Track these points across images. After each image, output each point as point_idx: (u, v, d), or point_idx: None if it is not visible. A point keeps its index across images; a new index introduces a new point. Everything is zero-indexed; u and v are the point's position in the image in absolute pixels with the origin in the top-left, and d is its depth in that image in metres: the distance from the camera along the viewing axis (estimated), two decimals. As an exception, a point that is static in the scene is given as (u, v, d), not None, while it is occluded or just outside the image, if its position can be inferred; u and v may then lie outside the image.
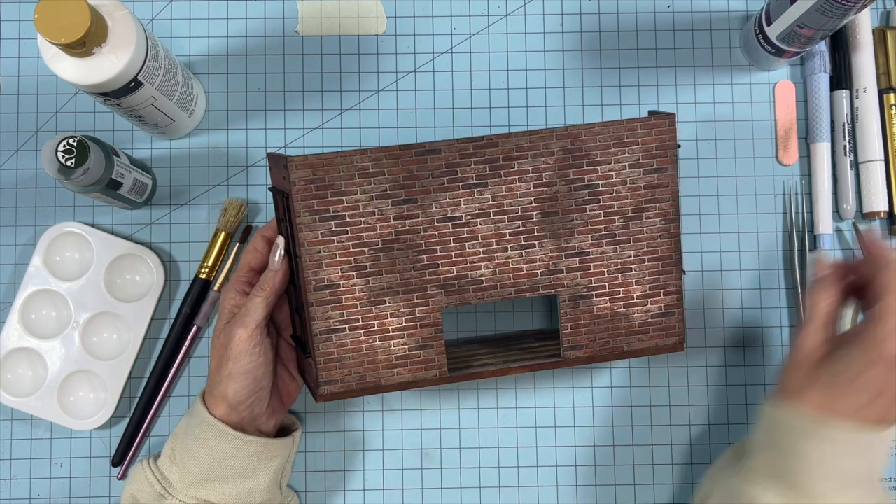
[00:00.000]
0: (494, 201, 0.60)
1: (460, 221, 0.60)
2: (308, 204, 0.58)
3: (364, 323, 0.60)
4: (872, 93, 0.73)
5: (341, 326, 0.60)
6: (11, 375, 0.71)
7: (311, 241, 0.59)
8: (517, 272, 0.61)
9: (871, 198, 0.72)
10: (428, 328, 0.61)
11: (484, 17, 0.75)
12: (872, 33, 0.74)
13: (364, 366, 0.61)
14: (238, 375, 0.61)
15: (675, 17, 0.75)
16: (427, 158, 0.59)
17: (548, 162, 0.60)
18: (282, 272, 0.62)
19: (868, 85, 0.73)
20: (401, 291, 0.60)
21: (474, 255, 0.60)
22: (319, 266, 0.59)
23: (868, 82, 0.73)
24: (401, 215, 0.59)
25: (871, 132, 0.73)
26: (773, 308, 0.73)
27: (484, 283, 0.61)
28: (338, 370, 0.61)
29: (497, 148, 0.60)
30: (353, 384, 0.61)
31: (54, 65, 0.58)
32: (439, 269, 0.60)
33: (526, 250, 0.61)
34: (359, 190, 0.59)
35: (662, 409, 0.73)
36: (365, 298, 0.60)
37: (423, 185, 0.59)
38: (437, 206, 0.60)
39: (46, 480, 0.71)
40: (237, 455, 0.62)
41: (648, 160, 0.61)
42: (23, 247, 0.73)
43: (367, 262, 0.60)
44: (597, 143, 0.60)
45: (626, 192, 0.61)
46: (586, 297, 0.62)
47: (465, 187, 0.60)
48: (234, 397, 0.61)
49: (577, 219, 0.61)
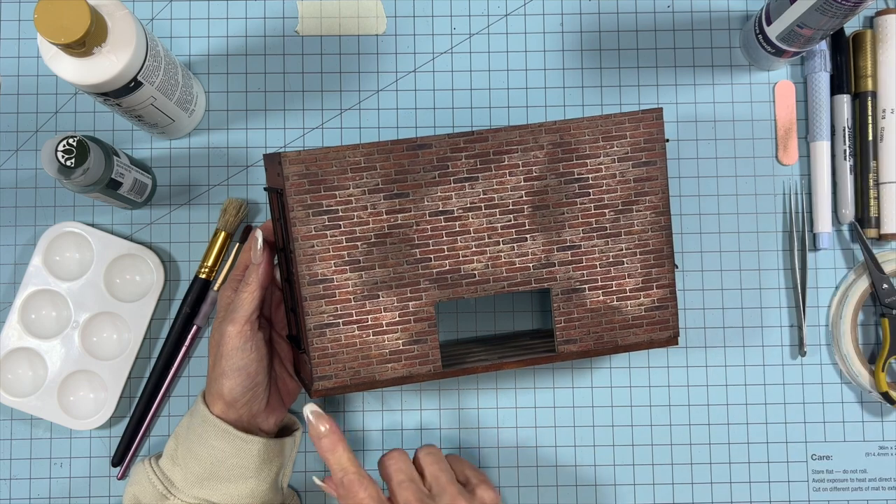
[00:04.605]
0: (486, 195, 0.60)
1: (452, 215, 0.60)
2: (301, 199, 0.59)
3: (358, 317, 0.60)
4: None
5: (335, 321, 0.60)
6: (11, 375, 0.71)
7: (304, 235, 0.59)
8: (510, 266, 0.61)
9: (889, 219, 0.72)
10: (421, 322, 0.61)
11: (484, 17, 0.75)
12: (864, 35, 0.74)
13: (358, 361, 0.61)
14: (231, 372, 0.61)
15: (675, 17, 0.75)
16: (418, 153, 0.59)
17: (538, 156, 0.61)
18: (264, 264, 0.62)
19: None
20: (394, 286, 0.60)
21: (466, 248, 0.61)
22: (313, 260, 0.59)
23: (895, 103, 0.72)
24: (393, 209, 0.60)
25: (893, 153, 0.72)
26: (773, 308, 0.73)
27: (477, 277, 0.61)
28: (332, 365, 0.60)
29: (487, 142, 0.60)
30: (347, 379, 0.61)
31: (54, 65, 0.58)
32: (432, 263, 0.60)
33: (518, 244, 0.61)
34: (351, 185, 0.59)
35: (662, 408, 0.73)
36: (358, 293, 0.60)
37: (414, 179, 0.60)
38: (429, 201, 0.60)
39: (46, 480, 0.71)
40: (239, 454, 0.62)
41: (637, 153, 0.62)
42: (23, 247, 0.73)
43: (360, 256, 0.60)
44: (585, 137, 0.61)
45: (616, 186, 0.62)
46: (579, 291, 0.62)
47: (457, 181, 0.60)
48: (230, 394, 0.61)
49: (569, 212, 0.61)
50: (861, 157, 0.73)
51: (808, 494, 0.72)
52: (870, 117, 0.73)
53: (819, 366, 0.73)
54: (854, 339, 0.72)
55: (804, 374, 0.73)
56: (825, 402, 0.73)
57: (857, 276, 0.73)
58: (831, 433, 0.73)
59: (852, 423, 0.73)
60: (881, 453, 0.72)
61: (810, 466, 0.72)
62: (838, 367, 0.73)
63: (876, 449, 0.72)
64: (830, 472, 0.72)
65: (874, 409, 0.73)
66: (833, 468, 0.72)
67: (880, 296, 0.71)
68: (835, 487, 0.72)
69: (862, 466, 0.72)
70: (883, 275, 0.72)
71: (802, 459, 0.72)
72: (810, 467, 0.72)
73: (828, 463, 0.72)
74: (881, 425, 0.73)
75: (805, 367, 0.73)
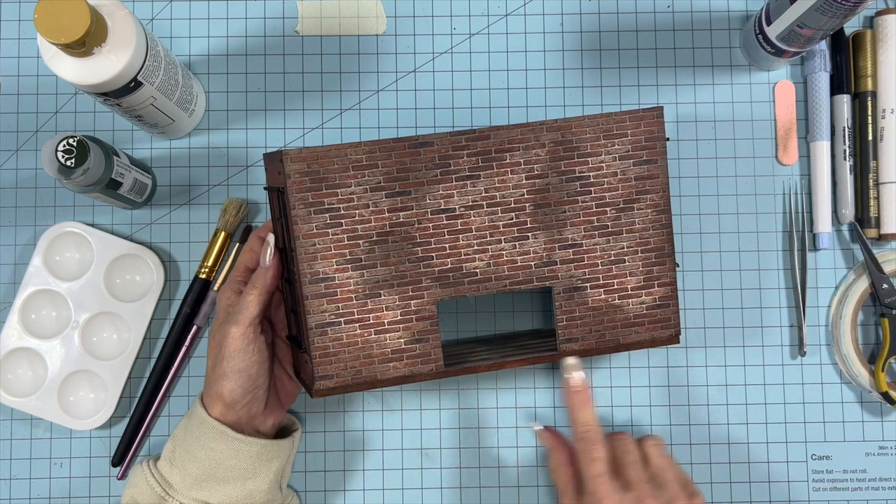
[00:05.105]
0: (487, 193, 0.60)
1: (454, 213, 0.60)
2: (303, 196, 0.58)
3: (359, 316, 0.60)
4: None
5: (336, 320, 0.60)
6: (11, 375, 0.71)
7: (305, 233, 0.59)
8: (511, 264, 0.61)
9: (889, 219, 0.72)
10: (423, 321, 0.61)
11: (484, 17, 0.75)
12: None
13: (360, 360, 0.60)
14: (232, 374, 0.61)
15: (675, 17, 0.75)
16: (420, 151, 0.59)
17: (539, 154, 0.61)
18: (273, 269, 0.62)
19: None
20: (396, 284, 0.60)
21: (468, 247, 0.61)
22: (314, 259, 0.59)
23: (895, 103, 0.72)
24: (395, 207, 0.60)
25: (893, 153, 0.72)
26: (773, 308, 0.73)
27: (478, 276, 0.61)
28: (333, 365, 0.60)
29: (489, 140, 0.60)
30: (348, 379, 0.60)
31: (54, 65, 0.58)
32: (433, 261, 0.60)
33: (519, 242, 0.61)
34: (353, 182, 0.59)
35: (662, 408, 0.73)
36: (360, 291, 0.60)
37: (416, 177, 0.60)
38: (431, 199, 0.60)
39: (46, 480, 0.71)
40: (237, 456, 0.62)
41: (638, 152, 0.62)
42: (23, 247, 0.73)
43: (361, 254, 0.60)
44: (587, 136, 0.61)
45: (617, 184, 0.62)
46: (580, 289, 0.62)
47: (458, 179, 0.60)
48: (230, 396, 0.61)
49: (570, 210, 0.61)
50: (861, 157, 0.73)
51: (808, 494, 0.72)
52: (870, 117, 0.73)
53: (819, 366, 0.73)
54: (854, 339, 0.72)
55: (804, 374, 0.73)
56: (825, 402, 0.73)
57: (857, 276, 0.73)
58: (831, 433, 0.73)
59: (852, 423, 0.73)
60: (881, 453, 0.72)
61: (810, 466, 0.72)
62: (838, 367, 0.73)
63: (876, 449, 0.72)
64: (830, 472, 0.72)
65: (874, 409, 0.73)
66: (833, 468, 0.72)
67: (880, 296, 0.71)
68: (835, 487, 0.72)
69: (862, 466, 0.72)
70: (883, 275, 0.72)
71: (802, 459, 0.72)
72: (810, 467, 0.72)
73: (828, 463, 0.72)
74: (881, 425, 0.73)
75: (805, 367, 0.73)
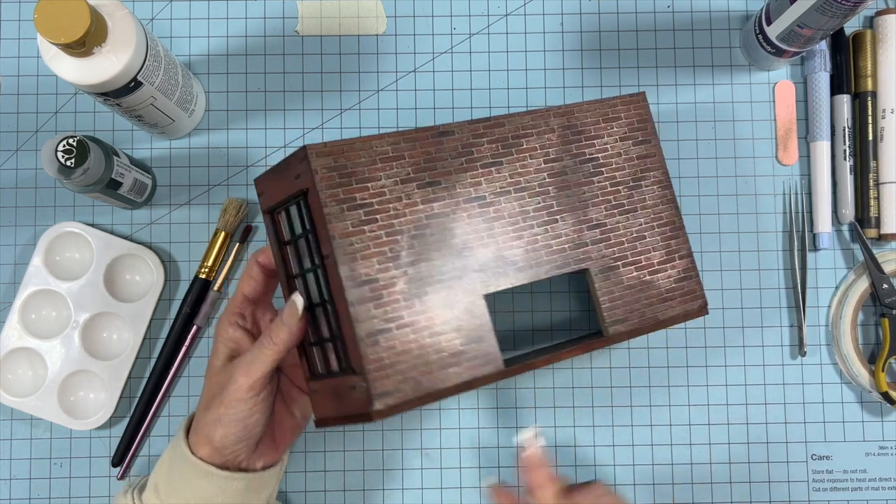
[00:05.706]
0: (512, 179, 0.60)
1: (485, 201, 0.59)
2: (333, 193, 0.54)
3: (410, 319, 0.55)
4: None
5: (387, 326, 0.54)
6: (11, 375, 0.70)
7: (341, 232, 0.54)
8: (547, 249, 0.60)
9: (889, 219, 0.72)
10: (475, 318, 0.57)
11: (484, 17, 0.75)
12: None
13: (418, 369, 0.54)
14: (229, 422, 0.57)
15: (675, 17, 0.75)
16: (442, 140, 0.58)
17: (551, 139, 0.61)
18: (299, 330, 0.56)
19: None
20: (441, 280, 0.56)
21: (504, 234, 0.59)
22: (354, 259, 0.54)
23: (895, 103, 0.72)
24: (428, 199, 0.57)
25: (893, 153, 0.72)
26: (773, 308, 0.73)
27: (520, 264, 0.59)
28: (391, 378, 0.53)
29: (504, 127, 0.60)
30: (409, 392, 0.54)
31: (54, 65, 0.58)
32: (474, 251, 0.58)
33: (550, 226, 0.60)
34: (382, 175, 0.56)
35: (662, 409, 0.73)
36: (407, 292, 0.55)
37: (443, 166, 0.58)
38: (461, 187, 0.58)
39: (46, 480, 0.71)
40: (223, 493, 0.59)
41: (634, 133, 0.64)
42: (23, 247, 0.73)
43: (402, 251, 0.55)
44: (588, 119, 0.63)
45: (624, 163, 0.63)
46: (614, 269, 0.62)
47: (483, 167, 0.59)
48: (220, 442, 0.58)
49: (588, 191, 0.62)
50: (861, 157, 0.73)
51: (808, 494, 0.72)
52: (870, 117, 0.73)
53: (819, 366, 0.73)
54: (854, 339, 0.72)
55: (804, 374, 0.73)
56: (825, 402, 0.73)
57: (857, 276, 0.73)
58: (831, 433, 0.73)
59: (852, 423, 0.73)
60: (881, 453, 0.72)
61: (810, 466, 0.72)
62: (838, 367, 0.73)
63: (876, 449, 0.73)
64: (830, 472, 0.72)
65: (874, 409, 0.73)
66: (833, 468, 0.72)
67: (880, 296, 0.71)
68: (835, 487, 0.72)
69: (862, 466, 0.72)
70: (883, 275, 0.72)
71: (802, 459, 0.72)
72: (810, 467, 0.72)
73: (828, 463, 0.72)
74: (881, 425, 0.73)
75: (805, 367, 0.73)
